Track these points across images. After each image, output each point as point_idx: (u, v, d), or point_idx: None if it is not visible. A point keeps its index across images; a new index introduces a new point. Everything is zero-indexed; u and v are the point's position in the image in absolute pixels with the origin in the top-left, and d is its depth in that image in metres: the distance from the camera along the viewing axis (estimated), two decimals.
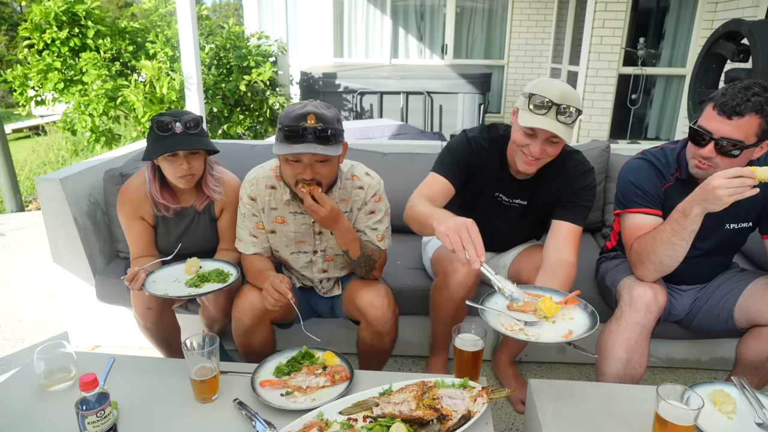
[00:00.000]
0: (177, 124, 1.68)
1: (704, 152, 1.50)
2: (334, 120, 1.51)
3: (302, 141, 1.47)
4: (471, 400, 1.28)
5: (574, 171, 1.78)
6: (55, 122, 7.82)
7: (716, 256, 1.79)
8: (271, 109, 5.63)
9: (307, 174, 1.53)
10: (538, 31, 7.81)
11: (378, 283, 1.77)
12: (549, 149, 1.64)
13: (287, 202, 1.70)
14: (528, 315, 1.37)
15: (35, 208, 5.01)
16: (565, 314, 1.40)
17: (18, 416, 1.31)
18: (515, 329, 1.32)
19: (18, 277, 3.17)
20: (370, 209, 1.75)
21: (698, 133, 1.51)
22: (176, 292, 1.64)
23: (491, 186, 1.86)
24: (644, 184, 1.67)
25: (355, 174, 1.74)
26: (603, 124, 6.14)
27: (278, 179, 1.71)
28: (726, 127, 1.45)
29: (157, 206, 1.84)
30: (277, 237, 1.77)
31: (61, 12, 4.54)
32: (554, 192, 1.80)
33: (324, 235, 1.76)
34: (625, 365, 1.60)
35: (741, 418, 1.26)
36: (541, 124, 1.57)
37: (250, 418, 1.28)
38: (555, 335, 1.31)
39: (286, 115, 1.50)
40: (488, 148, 1.81)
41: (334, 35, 8.14)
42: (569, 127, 1.59)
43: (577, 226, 1.76)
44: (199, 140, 1.73)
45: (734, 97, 1.43)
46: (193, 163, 1.75)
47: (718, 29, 3.89)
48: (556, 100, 1.55)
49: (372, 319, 1.71)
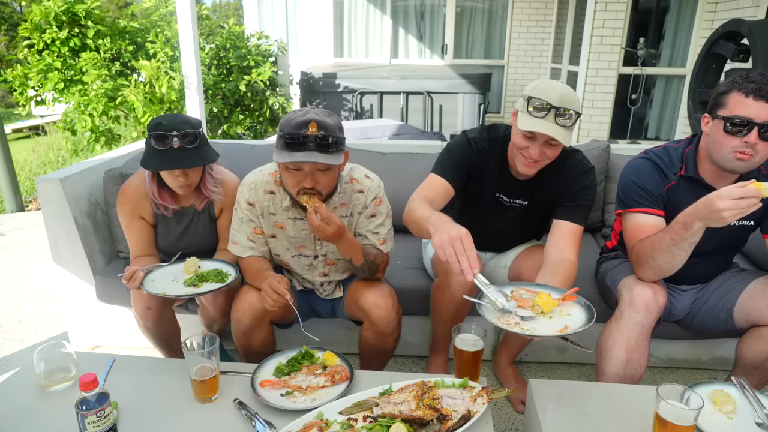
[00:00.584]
0: (175, 139, 1.65)
1: (750, 139, 1.46)
2: (335, 128, 1.49)
3: (303, 149, 1.45)
4: (471, 400, 1.28)
5: (575, 170, 1.78)
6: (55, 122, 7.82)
7: (717, 255, 1.79)
8: (271, 110, 5.63)
9: (308, 183, 1.51)
10: (538, 31, 7.82)
11: (381, 284, 1.77)
12: (548, 152, 1.64)
13: (286, 208, 1.69)
14: (525, 310, 1.38)
15: (35, 208, 5.01)
16: (562, 310, 1.41)
17: (18, 416, 1.31)
18: (511, 323, 1.33)
19: (18, 277, 3.17)
20: (371, 213, 1.73)
21: (736, 123, 1.48)
22: (174, 292, 1.64)
23: (492, 186, 1.86)
24: (646, 184, 1.66)
25: (355, 177, 1.72)
26: (603, 124, 6.14)
27: (277, 184, 1.69)
28: (766, 111, 1.43)
29: (156, 206, 1.84)
30: (278, 241, 1.76)
31: (61, 12, 4.54)
32: (555, 191, 1.79)
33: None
34: (625, 365, 1.60)
35: (741, 418, 1.26)
36: (540, 127, 1.56)
37: (250, 418, 1.28)
38: (551, 329, 1.32)
39: (287, 122, 1.47)
40: (488, 148, 1.81)
41: (334, 35, 8.14)
42: (568, 129, 1.58)
43: (578, 226, 1.76)
44: (196, 156, 1.70)
45: (764, 81, 1.43)
46: (191, 174, 1.75)
47: (718, 29, 3.89)
48: (555, 103, 1.55)
49: (376, 320, 1.71)
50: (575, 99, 1.59)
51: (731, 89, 1.49)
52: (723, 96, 1.51)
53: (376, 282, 1.78)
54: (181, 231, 1.92)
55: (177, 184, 1.75)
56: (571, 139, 1.60)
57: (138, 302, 1.78)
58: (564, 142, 1.58)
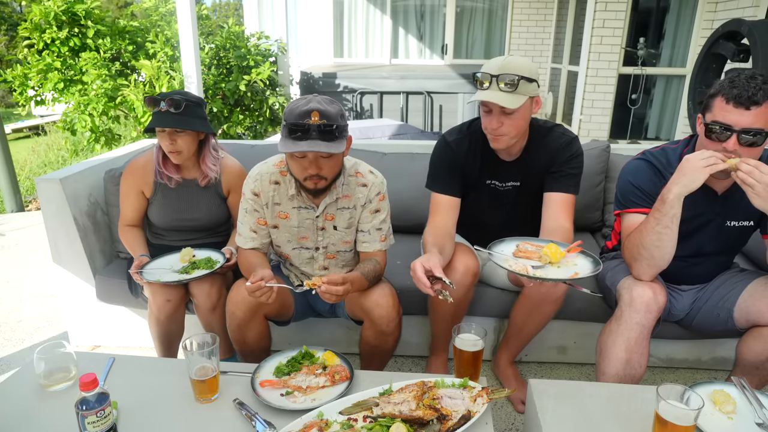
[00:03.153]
0: (162, 102, 1.83)
1: (729, 146, 1.47)
2: (337, 116, 1.52)
3: (306, 138, 1.48)
4: (471, 400, 1.28)
5: (558, 142, 1.84)
6: (55, 122, 7.81)
7: (718, 256, 1.79)
8: (270, 109, 5.62)
9: (313, 169, 1.55)
10: (538, 31, 7.82)
11: (383, 283, 1.78)
12: (506, 120, 1.70)
13: (291, 196, 1.72)
14: (534, 261, 1.51)
15: (35, 208, 5.01)
16: (568, 261, 1.53)
17: (18, 416, 1.31)
18: (523, 268, 1.47)
19: (18, 277, 3.17)
20: (375, 208, 1.76)
21: (715, 129, 1.49)
22: (167, 278, 1.83)
23: (483, 175, 1.90)
24: (643, 185, 1.68)
25: (359, 171, 1.75)
26: (603, 124, 6.14)
27: (282, 174, 1.72)
28: (745, 118, 1.44)
29: (160, 175, 2.00)
30: (280, 232, 1.78)
31: (60, 12, 4.54)
32: (543, 166, 1.85)
33: (326, 231, 1.77)
34: (625, 365, 1.60)
35: (741, 418, 1.26)
36: (484, 96, 1.66)
37: (249, 418, 1.28)
38: (562, 275, 1.47)
39: (290, 112, 1.51)
40: (469, 142, 1.88)
41: (334, 35, 8.15)
42: (514, 94, 1.65)
43: (569, 195, 1.82)
44: (180, 120, 1.86)
45: (746, 87, 1.42)
46: (178, 140, 1.89)
47: (718, 29, 3.89)
48: (494, 72, 1.65)
49: (377, 319, 1.71)
50: (518, 64, 1.66)
51: (717, 93, 1.49)
52: (711, 99, 1.52)
53: (378, 281, 1.79)
54: (185, 204, 2.04)
55: (166, 149, 1.92)
56: (519, 103, 1.66)
57: (157, 294, 1.85)
58: (510, 106, 1.64)
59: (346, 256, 1.83)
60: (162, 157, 1.99)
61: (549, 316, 1.86)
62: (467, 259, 1.78)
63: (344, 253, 1.80)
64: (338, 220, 1.75)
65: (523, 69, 1.65)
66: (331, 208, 1.73)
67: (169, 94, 1.88)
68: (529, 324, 1.90)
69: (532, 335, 1.95)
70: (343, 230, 1.77)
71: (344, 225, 1.76)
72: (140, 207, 2.05)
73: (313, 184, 1.61)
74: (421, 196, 1.99)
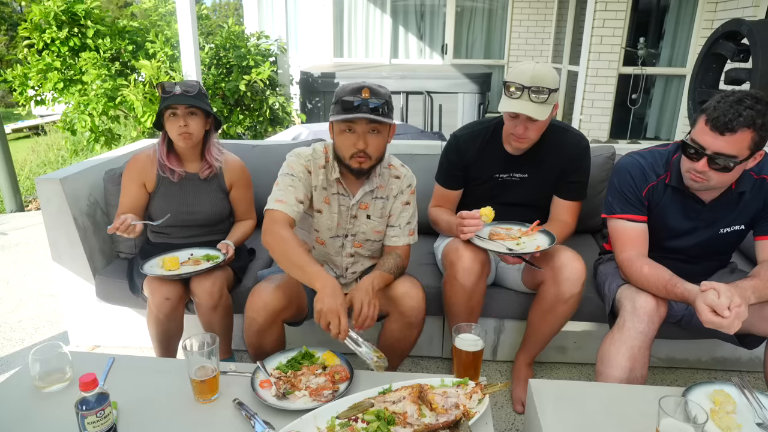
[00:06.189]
0: (177, 87, 1.93)
1: (698, 166, 1.50)
2: (386, 95, 1.62)
3: (357, 111, 1.56)
4: (466, 397, 1.28)
5: (577, 148, 1.97)
6: (55, 122, 7.82)
7: (712, 260, 1.82)
8: (270, 109, 5.62)
9: (360, 144, 1.60)
10: (538, 31, 7.82)
11: (411, 275, 1.81)
12: (531, 126, 1.80)
13: (332, 182, 1.75)
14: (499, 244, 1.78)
15: (35, 208, 5.01)
16: (530, 238, 1.81)
17: (16, 417, 1.31)
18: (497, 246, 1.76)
19: (18, 277, 3.18)
20: (406, 200, 1.82)
21: (691, 148, 1.51)
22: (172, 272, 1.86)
23: (491, 168, 1.99)
24: (625, 188, 1.71)
25: (392, 164, 1.83)
26: (603, 124, 6.14)
27: (328, 160, 1.75)
28: (719, 143, 1.44)
29: (162, 168, 2.02)
30: (322, 217, 1.79)
31: (60, 12, 4.54)
32: (555, 164, 1.95)
33: (358, 219, 1.79)
34: (628, 374, 1.58)
35: (741, 418, 1.26)
36: (516, 107, 1.75)
37: (249, 418, 1.28)
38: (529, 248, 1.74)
39: (343, 90, 1.60)
40: (477, 138, 1.98)
41: (334, 35, 8.15)
42: (544, 105, 1.75)
43: (579, 201, 2.02)
44: (194, 101, 1.93)
45: (726, 112, 1.41)
46: (191, 123, 1.94)
47: (718, 29, 3.89)
48: (527, 83, 1.73)
49: (407, 310, 1.72)
50: (548, 75, 1.75)
51: (704, 111, 1.49)
52: (699, 114, 1.52)
53: (405, 273, 1.82)
54: (187, 198, 2.06)
55: (178, 132, 1.94)
56: (547, 113, 1.77)
57: (156, 292, 1.85)
58: (540, 117, 1.75)
59: (375, 246, 1.85)
60: (166, 151, 2.02)
61: (564, 317, 1.86)
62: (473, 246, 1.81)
63: (373, 242, 1.83)
64: (372, 209, 1.79)
65: (552, 81, 1.75)
66: (367, 197, 1.77)
67: (179, 82, 1.96)
68: (544, 325, 1.90)
69: (549, 337, 1.94)
70: (377, 219, 1.81)
71: (377, 215, 1.80)
72: (139, 199, 2.04)
73: (358, 163, 1.64)
74: (422, 196, 1.99)
